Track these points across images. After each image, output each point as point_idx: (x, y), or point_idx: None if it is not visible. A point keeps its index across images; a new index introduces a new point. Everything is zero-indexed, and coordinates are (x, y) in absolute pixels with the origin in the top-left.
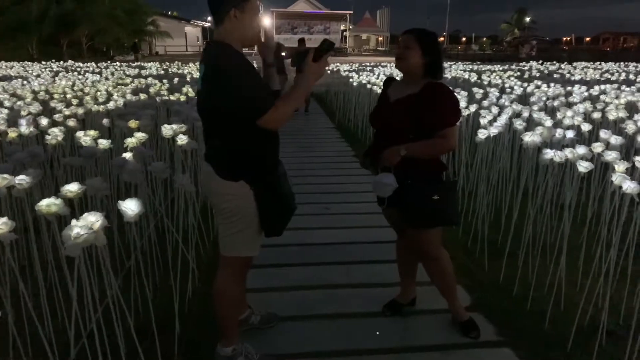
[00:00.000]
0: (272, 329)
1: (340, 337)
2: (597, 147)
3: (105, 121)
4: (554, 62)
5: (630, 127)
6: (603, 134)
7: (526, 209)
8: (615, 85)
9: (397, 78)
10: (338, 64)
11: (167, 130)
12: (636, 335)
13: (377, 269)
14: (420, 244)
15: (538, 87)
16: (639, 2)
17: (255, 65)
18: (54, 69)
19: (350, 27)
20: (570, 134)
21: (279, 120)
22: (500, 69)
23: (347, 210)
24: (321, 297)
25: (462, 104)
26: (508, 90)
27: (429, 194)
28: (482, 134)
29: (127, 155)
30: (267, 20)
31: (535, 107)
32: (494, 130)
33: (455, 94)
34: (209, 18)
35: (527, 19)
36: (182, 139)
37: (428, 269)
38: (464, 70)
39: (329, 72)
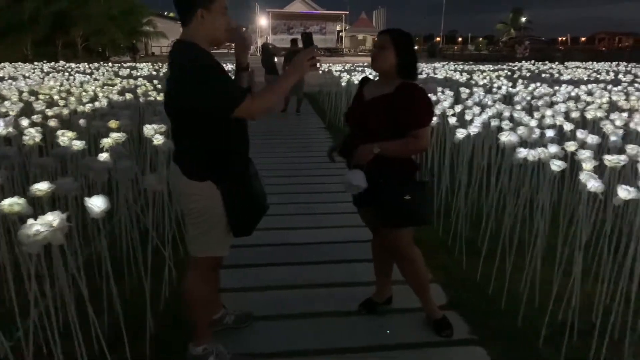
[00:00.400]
0: (247, 328)
1: (315, 335)
2: (571, 146)
3: (81, 121)
4: (546, 62)
5: (607, 127)
6: (579, 133)
7: (505, 208)
8: (602, 85)
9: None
10: (331, 64)
11: (148, 130)
12: (603, 333)
13: (356, 268)
14: (392, 242)
15: (525, 86)
16: (637, 2)
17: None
18: (45, 70)
19: (347, 28)
20: (550, 133)
21: (254, 110)
22: (492, 68)
23: (330, 210)
24: (299, 297)
25: (446, 104)
26: (495, 90)
27: (401, 194)
28: (460, 133)
29: (104, 155)
30: (262, 21)
31: (518, 107)
32: (473, 130)
33: (441, 94)
34: None
35: (523, 19)
36: (158, 139)
37: (401, 267)
38: (455, 70)
39: (321, 72)
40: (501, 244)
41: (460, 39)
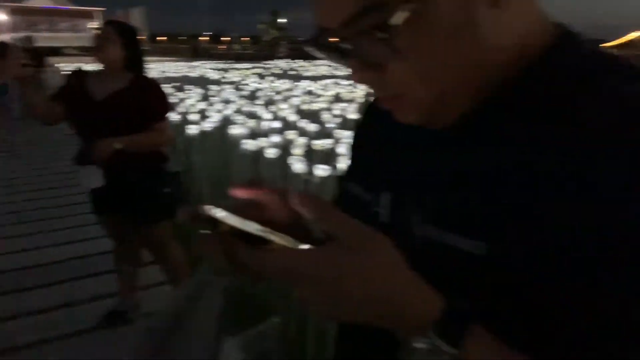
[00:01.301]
0: None
1: None
2: (290, 135)
3: None
4: (298, 60)
5: (325, 117)
6: (303, 123)
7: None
8: (335, 80)
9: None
10: (84, 63)
11: None
12: None
13: (99, 281)
14: (155, 239)
15: (271, 82)
16: None
17: None
18: None
19: None
20: (276, 124)
21: None
22: (248, 67)
23: (75, 224)
24: (31, 325)
25: (191, 101)
26: (241, 87)
27: (157, 187)
28: (194, 129)
29: None
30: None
31: (260, 102)
32: (207, 125)
33: (189, 91)
34: None
35: (283, 20)
36: None
37: (161, 263)
38: (212, 69)
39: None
40: None
41: (229, 39)
